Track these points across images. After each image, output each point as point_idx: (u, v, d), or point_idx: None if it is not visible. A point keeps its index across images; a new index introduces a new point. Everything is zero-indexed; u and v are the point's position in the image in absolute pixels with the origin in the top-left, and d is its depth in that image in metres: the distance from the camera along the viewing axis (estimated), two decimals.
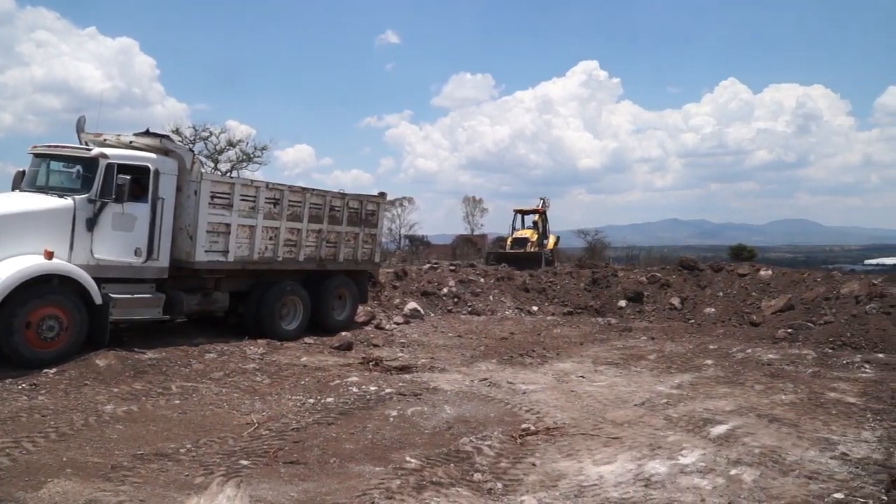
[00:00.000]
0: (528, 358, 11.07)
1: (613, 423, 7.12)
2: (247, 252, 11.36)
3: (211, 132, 35.39)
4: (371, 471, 5.56)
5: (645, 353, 11.84)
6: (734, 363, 10.79)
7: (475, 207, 58.87)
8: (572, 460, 5.95)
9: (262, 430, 6.57)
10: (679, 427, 7.00)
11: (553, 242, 28.83)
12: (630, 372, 10.12)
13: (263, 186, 11.62)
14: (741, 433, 6.75)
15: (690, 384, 9.20)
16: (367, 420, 7.02)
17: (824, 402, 8.11)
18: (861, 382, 9.28)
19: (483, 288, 18.48)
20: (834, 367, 10.42)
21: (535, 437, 6.59)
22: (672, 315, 16.76)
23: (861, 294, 14.37)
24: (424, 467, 5.61)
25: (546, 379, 9.49)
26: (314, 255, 12.64)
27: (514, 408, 7.74)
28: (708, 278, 18.24)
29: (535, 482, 5.41)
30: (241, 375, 8.83)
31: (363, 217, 13.68)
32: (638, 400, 8.22)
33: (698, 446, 6.31)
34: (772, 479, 5.47)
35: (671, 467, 5.73)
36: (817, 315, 14.03)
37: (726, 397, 8.38)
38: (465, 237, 51.03)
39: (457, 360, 10.76)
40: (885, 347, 11.87)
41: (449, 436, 6.58)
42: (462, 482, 5.34)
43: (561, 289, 19.13)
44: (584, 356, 11.45)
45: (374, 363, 10.03)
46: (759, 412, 7.61)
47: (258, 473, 5.41)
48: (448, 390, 8.45)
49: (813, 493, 5.18)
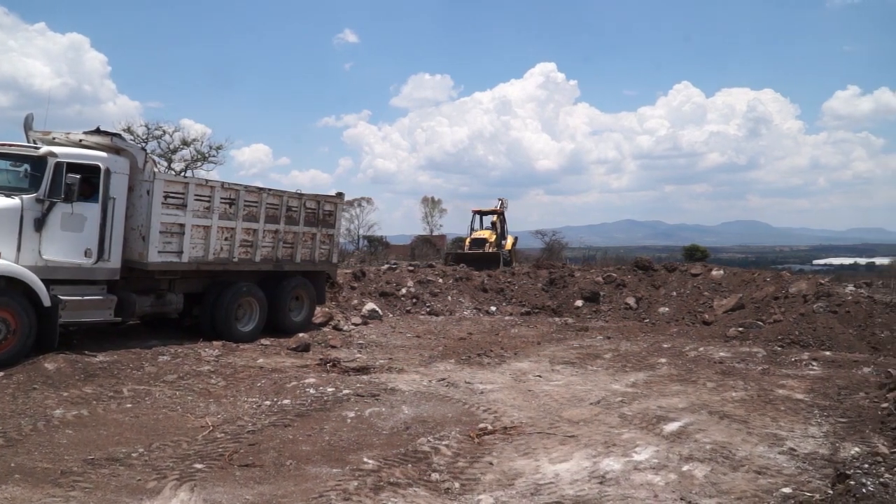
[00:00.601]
0: (486, 358, 11.13)
1: (569, 422, 7.21)
2: (201, 253, 11.18)
3: (164, 131, 34.69)
4: (328, 472, 5.52)
5: (601, 352, 12.01)
6: (687, 361, 11.02)
7: (434, 208, 58.92)
8: (529, 459, 6.00)
9: (216, 433, 6.47)
10: (633, 425, 7.12)
11: (511, 243, 29.03)
12: (586, 371, 10.25)
13: (219, 186, 11.45)
14: (693, 430, 6.91)
15: (645, 382, 9.37)
16: (324, 421, 6.98)
17: (773, 398, 8.35)
18: (808, 379, 9.56)
19: (442, 288, 18.51)
20: (783, 365, 10.72)
21: (492, 436, 6.63)
22: (627, 315, 17.03)
23: (809, 293, 14.82)
24: (382, 468, 5.60)
25: (503, 378, 9.56)
26: (271, 256, 12.50)
27: (472, 407, 7.78)
28: (662, 278, 18.59)
29: (492, 481, 5.44)
30: (195, 378, 8.69)
31: (321, 217, 13.58)
32: (594, 398, 8.33)
33: (652, 443, 6.43)
34: (722, 475, 5.61)
35: (625, 464, 5.83)
36: (767, 314, 14.42)
37: (679, 395, 8.55)
38: (424, 238, 51.04)
39: (415, 361, 10.76)
40: (832, 345, 12.27)
41: (407, 436, 6.58)
42: (419, 482, 5.35)
43: (519, 289, 19.28)
44: (541, 356, 11.56)
45: (331, 364, 9.96)
46: (711, 409, 7.79)
47: (213, 477, 5.33)
48: (406, 391, 8.44)
49: (762, 488, 5.32)
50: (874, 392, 8.55)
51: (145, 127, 34.48)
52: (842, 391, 8.74)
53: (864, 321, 13.04)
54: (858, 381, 9.32)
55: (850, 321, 13.12)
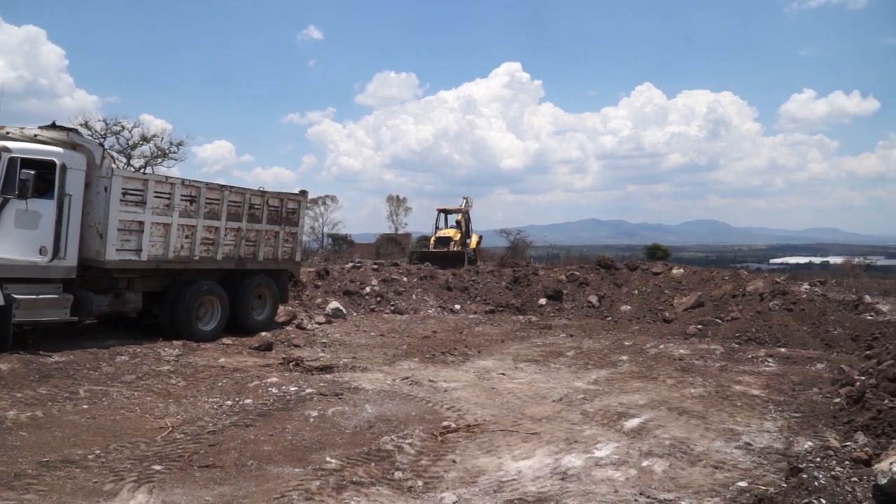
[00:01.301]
0: (450, 356, 11.16)
1: (532, 419, 7.27)
2: (161, 251, 11.00)
3: (123, 126, 33.93)
4: (290, 472, 5.48)
5: (564, 349, 12.12)
6: (648, 359, 11.19)
7: (399, 206, 58.77)
8: (492, 456, 6.04)
9: (176, 433, 6.38)
10: (595, 421, 7.22)
11: (476, 242, 29.13)
12: (549, 368, 10.35)
13: (179, 183, 11.28)
14: (653, 426, 7.02)
15: (606, 380, 9.49)
16: (286, 421, 6.93)
17: (730, 394, 8.52)
18: (764, 376, 9.79)
19: (406, 287, 18.50)
20: (740, 362, 10.95)
21: (455, 434, 6.65)
22: (590, 313, 17.22)
23: (765, 292, 15.16)
24: (345, 467, 5.58)
25: (467, 377, 9.60)
26: (233, 254, 12.36)
27: (436, 406, 7.80)
28: (624, 277, 18.85)
29: (455, 479, 5.46)
30: (154, 378, 8.55)
31: (284, 215, 13.47)
32: (556, 396, 8.41)
33: (613, 439, 6.52)
34: (681, 469, 5.72)
35: (587, 460, 5.90)
36: (725, 312, 14.70)
37: (640, 392, 8.68)
38: (389, 236, 50.91)
39: (379, 360, 10.74)
40: (787, 342, 12.56)
41: (370, 435, 6.57)
42: (382, 481, 5.35)
43: (483, 287, 19.36)
44: (504, 354, 11.64)
45: (294, 363, 9.89)
46: (670, 405, 7.92)
47: (172, 478, 5.25)
48: (370, 389, 8.43)
49: (719, 482, 5.44)
50: (827, 388, 8.78)
51: (103, 122, 33.71)
52: (796, 387, 8.96)
53: (818, 319, 13.38)
54: (812, 377, 9.58)
55: (805, 319, 13.45)
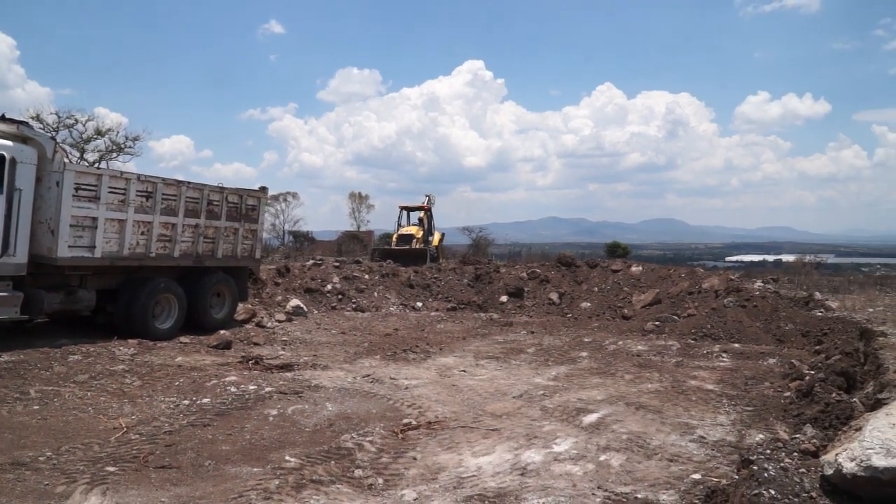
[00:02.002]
0: (412, 353, 11.15)
1: (493, 416, 7.32)
2: (116, 247, 10.77)
3: (77, 120, 33.01)
4: (248, 472, 5.43)
5: (524, 346, 12.22)
6: (607, 355, 11.35)
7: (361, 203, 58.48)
8: (452, 453, 6.06)
9: (130, 434, 6.26)
10: (554, 417, 7.29)
11: (438, 239, 29.17)
12: (510, 365, 10.42)
13: (134, 178, 11.05)
14: (611, 421, 7.13)
15: (566, 376, 9.60)
16: (245, 420, 6.85)
17: (686, 389, 8.70)
18: (719, 371, 10.01)
19: (368, 284, 18.43)
20: (695, 357, 11.18)
21: (416, 431, 6.66)
22: (551, 310, 17.39)
23: (720, 289, 15.51)
24: (304, 466, 5.55)
25: (429, 374, 9.61)
26: (191, 251, 12.16)
27: (397, 403, 7.79)
28: (584, 274, 19.08)
29: (415, 476, 5.47)
30: (108, 378, 8.37)
31: (243, 212, 13.30)
32: (516, 392, 8.48)
33: (571, 434, 6.60)
34: (637, 463, 5.81)
35: (546, 456, 5.96)
36: (682, 308, 14.99)
37: (598, 387, 8.80)
38: (351, 233, 50.65)
39: (340, 358, 10.69)
40: (741, 338, 12.86)
41: (330, 433, 6.53)
42: (343, 479, 5.32)
43: (445, 285, 19.40)
44: (466, 351, 11.68)
45: (254, 362, 9.78)
46: (628, 400, 8.05)
47: (126, 480, 5.15)
48: (330, 387, 8.38)
49: (673, 475, 5.54)
50: (778, 382, 9.04)
51: (56, 115, 32.75)
52: (749, 381, 9.19)
53: (770, 315, 13.73)
54: (764, 372, 9.83)
55: (758, 315, 13.79)
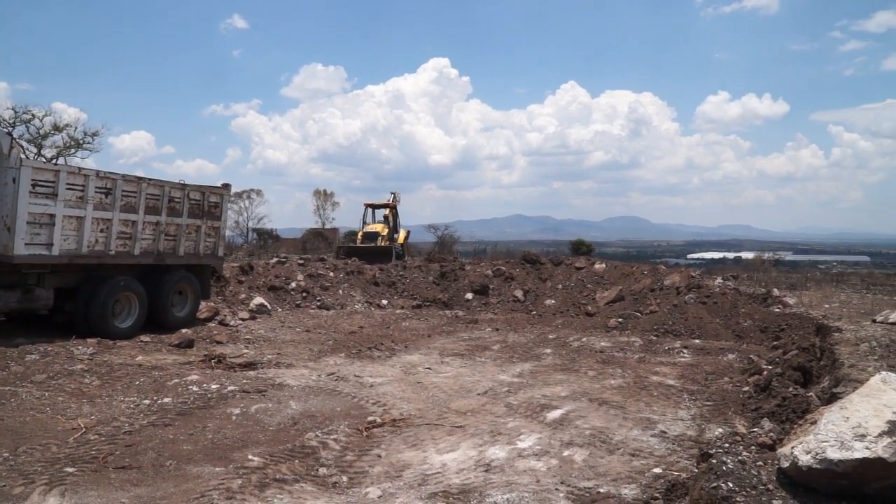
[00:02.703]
0: (377, 351, 11.13)
1: (457, 413, 7.34)
2: (74, 245, 10.54)
3: (34, 115, 32.16)
4: (211, 471, 5.36)
5: (489, 343, 12.28)
6: (570, 351, 11.46)
7: (326, 201, 58.13)
8: (417, 450, 6.07)
9: (90, 434, 6.14)
10: (518, 413, 7.35)
11: (403, 237, 29.12)
12: (475, 362, 10.46)
13: (93, 175, 10.82)
14: (574, 416, 7.21)
15: (530, 372, 9.67)
16: (207, 419, 6.76)
17: (648, 385, 8.83)
18: (679, 366, 10.19)
19: (333, 282, 18.32)
20: (657, 353, 11.36)
21: (381, 429, 6.65)
22: (515, 307, 17.49)
23: (681, 286, 15.76)
24: (268, 465, 5.50)
25: (393, 371, 9.60)
26: (151, 249, 11.96)
27: (361, 401, 7.77)
28: (549, 271, 19.22)
29: (380, 473, 5.46)
30: (67, 378, 8.18)
31: (206, 209, 13.11)
32: (481, 389, 8.52)
33: (535, 431, 6.66)
34: (600, 458, 5.89)
35: (510, 452, 6.01)
36: (644, 305, 15.21)
37: (562, 384, 8.89)
38: (316, 231, 50.31)
39: (304, 356, 10.61)
40: (701, 334, 13.10)
41: (294, 431, 6.49)
42: (307, 477, 5.30)
43: (410, 282, 19.38)
44: (431, 348, 11.69)
45: (216, 360, 9.66)
46: (591, 396, 8.15)
47: (85, 480, 5.05)
48: (294, 386, 8.32)
49: (635, 469, 5.63)
50: (737, 377, 9.22)
51: (12, 110, 31.87)
52: (709, 376, 9.37)
53: (730, 311, 14.01)
54: (724, 367, 10.03)
55: (718, 311, 14.05)
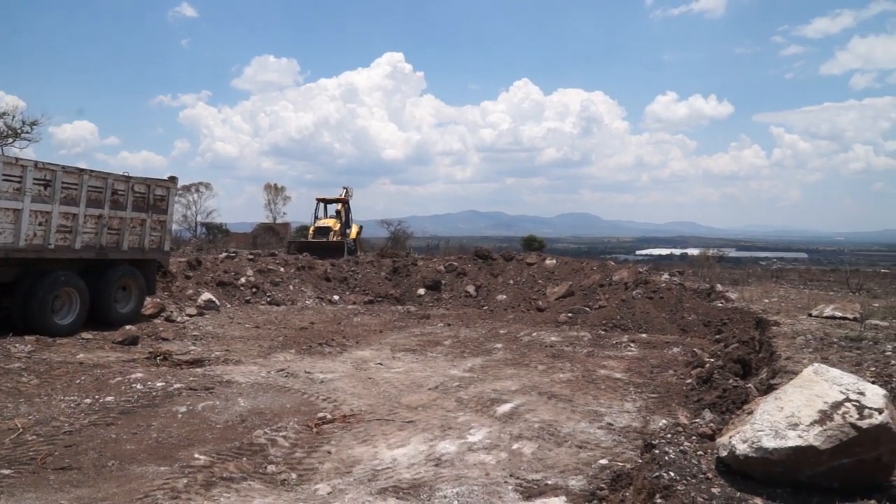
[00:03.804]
0: (328, 347, 11.06)
1: (408, 408, 7.35)
2: (11, 238, 10.16)
3: None
4: (155, 471, 5.25)
5: (441, 338, 12.32)
6: (521, 346, 11.58)
7: (278, 195, 57.40)
8: (367, 446, 6.06)
9: (27, 435, 5.94)
10: (469, 408, 7.39)
11: (356, 232, 28.93)
12: (426, 357, 10.48)
13: (31, 166, 10.44)
14: (524, 410, 7.29)
15: (481, 367, 9.74)
16: (151, 418, 6.62)
17: (595, 378, 8.99)
18: (627, 360, 10.39)
19: (283, 277, 18.11)
20: (605, 347, 11.56)
21: (331, 425, 6.61)
22: (467, 302, 17.58)
23: (629, 281, 16.07)
24: (214, 463, 5.42)
25: (344, 367, 9.55)
26: (93, 243, 11.62)
27: (311, 397, 7.71)
28: (500, 267, 19.37)
29: (330, 470, 5.44)
30: (3, 376, 7.90)
31: (151, 202, 12.80)
32: (432, 384, 8.54)
33: (485, 425, 6.71)
34: (548, 451, 5.98)
35: (460, 446, 6.04)
36: (593, 300, 15.46)
37: (513, 378, 8.97)
38: (267, 225, 49.68)
39: (253, 352, 10.47)
40: (648, 328, 13.38)
41: (242, 429, 6.40)
42: (255, 475, 5.24)
43: (362, 278, 19.30)
44: (383, 344, 11.67)
45: (162, 358, 9.45)
46: (541, 390, 8.25)
47: (22, 483, 4.89)
48: (243, 383, 8.20)
49: (582, 461, 5.73)
50: (681, 369, 9.46)
51: None
52: (654, 370, 9.58)
53: (675, 306, 14.34)
54: (669, 360, 10.27)
55: (664, 306, 14.37)
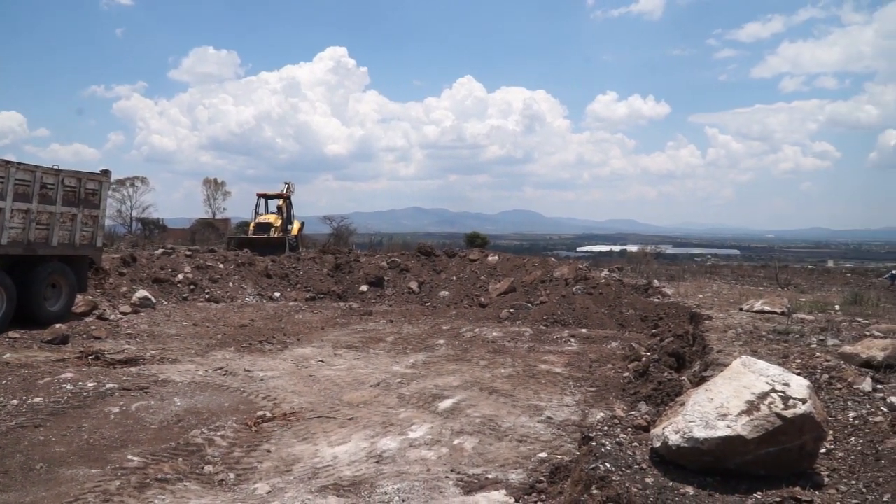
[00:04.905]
0: (268, 344, 10.90)
1: (350, 405, 7.31)
2: None
3: None
4: (86, 474, 5.09)
5: (383, 335, 12.28)
6: (463, 342, 11.65)
7: (217, 190, 56.34)
8: (308, 444, 6.01)
9: None
10: (411, 404, 7.41)
11: (297, 228, 28.55)
12: (368, 354, 10.44)
13: None
14: (465, 405, 7.34)
15: (424, 363, 9.76)
16: (83, 419, 6.41)
17: (536, 373, 9.12)
18: (567, 354, 10.57)
19: (223, 274, 17.75)
20: (546, 342, 11.73)
21: (271, 423, 6.53)
22: (410, 298, 17.57)
23: (570, 277, 16.34)
24: (149, 464, 5.29)
25: (285, 365, 9.43)
26: (21, 239, 11.14)
27: (251, 395, 7.59)
28: (443, 264, 19.43)
29: (269, 469, 5.38)
30: None
31: (82, 196, 12.36)
32: (374, 381, 8.52)
33: (427, 421, 6.74)
34: (489, 445, 6.04)
35: (401, 442, 6.05)
36: (535, 296, 15.65)
37: (454, 374, 9.02)
38: (206, 221, 48.67)
39: (191, 350, 10.24)
40: (588, 323, 13.64)
41: (178, 429, 6.26)
42: (191, 476, 5.14)
43: (304, 274, 19.07)
44: (324, 341, 11.57)
45: (94, 357, 9.15)
46: (482, 386, 8.32)
47: None
48: (179, 382, 8.02)
49: (522, 455, 5.82)
50: (619, 363, 9.68)
51: None
52: (593, 364, 9.78)
53: (614, 301, 14.66)
54: (607, 355, 10.49)
55: (603, 301, 14.68)
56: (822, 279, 23.13)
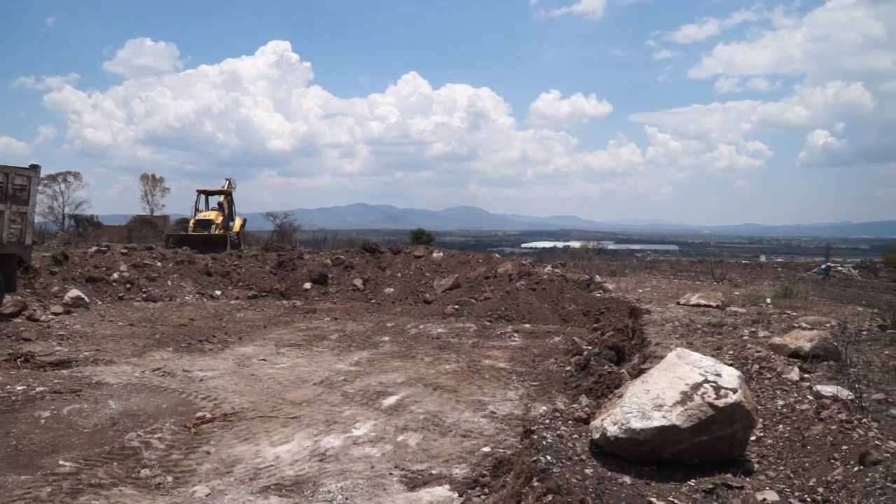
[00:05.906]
0: (208, 344, 10.67)
1: (292, 404, 7.23)
2: None
3: None
4: (15, 480, 4.90)
5: (327, 333, 12.17)
6: (408, 339, 11.64)
7: (155, 186, 54.99)
8: (249, 444, 5.91)
9: None
10: (354, 402, 7.36)
11: (239, 225, 28.04)
12: (312, 352, 10.33)
13: None
14: (409, 402, 7.35)
15: (368, 360, 9.71)
16: (11, 424, 6.16)
17: (480, 368, 9.19)
18: (510, 349, 10.68)
19: (161, 272, 17.29)
20: (490, 338, 11.83)
21: (210, 424, 6.40)
22: (355, 296, 17.46)
23: (513, 273, 16.51)
24: (82, 469, 5.12)
25: (226, 364, 9.25)
26: None
27: (190, 396, 7.43)
28: (388, 260, 19.36)
29: (209, 470, 5.27)
30: None
31: (10, 192, 11.85)
32: (318, 379, 8.44)
33: (371, 418, 6.71)
34: (433, 441, 6.06)
35: (345, 440, 6.02)
36: (479, 292, 15.76)
37: (399, 370, 9.01)
38: (144, 218, 47.42)
39: (127, 351, 9.93)
40: (531, 318, 13.80)
41: (113, 433, 6.08)
42: (126, 480, 4.99)
43: (246, 272, 18.74)
44: (267, 339, 11.39)
45: (23, 359, 8.80)
46: (427, 382, 8.34)
47: None
48: (114, 384, 7.78)
49: (466, 449, 5.85)
50: (562, 357, 9.83)
51: None
52: (536, 358, 9.91)
53: (557, 296, 14.88)
54: (550, 349, 10.65)
55: (546, 297, 14.88)
56: (754, 273, 24.01)
